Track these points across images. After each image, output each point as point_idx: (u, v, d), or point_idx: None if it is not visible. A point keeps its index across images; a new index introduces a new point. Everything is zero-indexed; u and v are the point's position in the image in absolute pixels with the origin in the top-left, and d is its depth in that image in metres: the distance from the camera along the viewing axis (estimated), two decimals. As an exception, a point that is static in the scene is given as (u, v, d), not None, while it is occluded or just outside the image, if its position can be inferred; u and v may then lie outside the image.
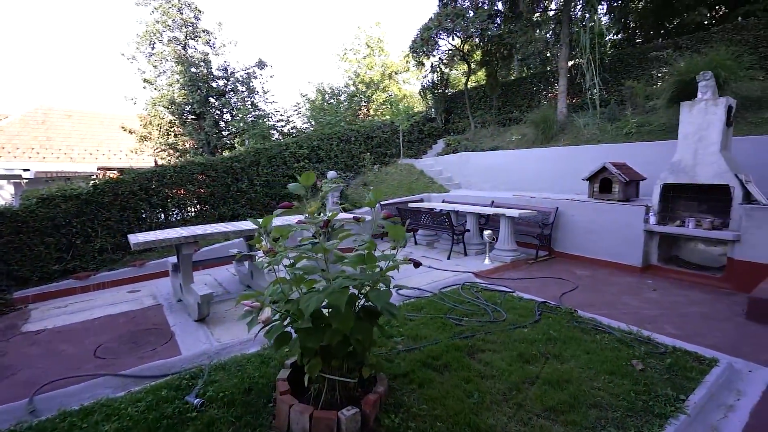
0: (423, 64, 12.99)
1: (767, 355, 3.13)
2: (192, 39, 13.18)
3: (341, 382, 2.30)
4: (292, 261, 2.25)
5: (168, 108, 12.71)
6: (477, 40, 12.35)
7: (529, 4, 10.40)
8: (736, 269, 4.68)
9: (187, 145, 13.41)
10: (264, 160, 7.91)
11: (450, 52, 12.30)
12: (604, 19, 11.82)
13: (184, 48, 13.04)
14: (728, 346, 3.24)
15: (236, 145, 13.65)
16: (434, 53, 12.62)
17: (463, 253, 6.58)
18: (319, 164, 9.34)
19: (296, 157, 8.64)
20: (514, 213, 5.84)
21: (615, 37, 12.73)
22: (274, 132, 10.29)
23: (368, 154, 10.05)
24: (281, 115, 10.58)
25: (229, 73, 13.34)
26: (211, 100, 13.17)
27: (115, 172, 11.61)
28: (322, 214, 2.35)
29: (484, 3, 10.83)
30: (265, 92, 10.21)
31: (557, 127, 10.11)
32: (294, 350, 2.19)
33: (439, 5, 11.15)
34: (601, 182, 5.98)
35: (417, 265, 2.16)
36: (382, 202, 8.30)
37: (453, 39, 12.38)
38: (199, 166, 6.78)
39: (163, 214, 6.48)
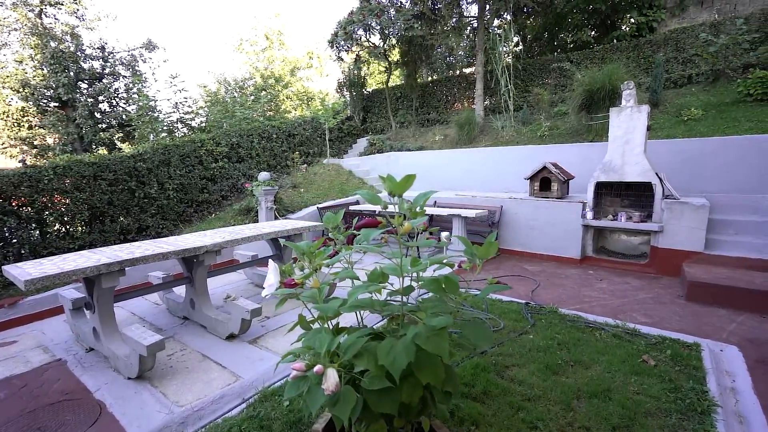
0: (343, 59, 12.50)
1: (724, 333, 3.54)
2: (51, 6, 10.42)
3: (399, 444, 1.81)
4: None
5: (19, 92, 9.84)
6: (394, 40, 12.37)
7: (448, 6, 10.72)
8: (659, 256, 5.36)
9: (50, 141, 10.60)
10: (176, 160, 6.54)
11: (371, 48, 12.04)
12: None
13: (39, 16, 10.23)
14: (693, 329, 3.60)
15: (117, 141, 11.34)
16: (354, 48, 12.25)
17: (416, 256, 6.36)
18: (239, 164, 8.17)
19: (214, 156, 7.39)
20: (471, 213, 5.84)
21: (516, 48, 13.98)
22: (180, 125, 8.69)
23: (297, 153, 9.20)
24: (189, 106, 8.99)
25: (107, 53, 10.91)
26: (83, 85, 10.63)
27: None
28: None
29: (405, 2, 10.82)
30: (173, 77, 8.50)
31: (478, 128, 10.66)
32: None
33: (360, 0, 10.79)
34: (541, 181, 6.36)
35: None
36: (319, 205, 7.65)
37: (371, 36, 12.17)
38: (91, 167, 5.22)
39: (38, 231, 4.82)
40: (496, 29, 11.17)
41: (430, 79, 14.55)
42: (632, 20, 11.52)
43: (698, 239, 5.04)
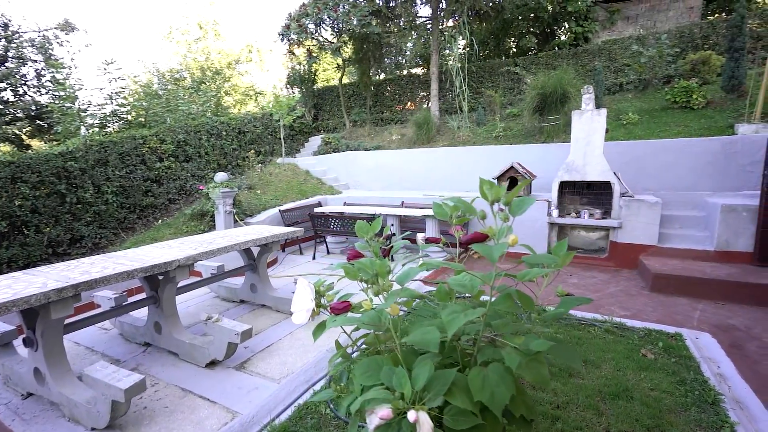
0: (294, 53, 11.91)
1: (693, 321, 3.84)
2: (-68, -29, 8.56)
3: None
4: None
5: None
6: (347, 36, 12.06)
7: (404, 4, 10.68)
8: (618, 250, 5.75)
9: (-66, 134, 8.74)
10: (114, 159, 5.65)
11: (325, 43, 11.61)
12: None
13: None
14: (668, 319, 3.85)
15: (24, 136, 9.73)
16: (306, 42, 11.72)
17: (390, 259, 6.20)
18: (187, 164, 7.36)
19: (158, 155, 6.55)
20: (446, 213, 5.79)
21: (466, 50, 14.40)
22: (114, 119, 7.56)
23: (252, 152, 8.53)
24: (125, 98, 7.82)
25: (10, 32, 9.23)
26: (-21, 68, 8.90)
27: None
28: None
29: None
30: (108, 63, 7.30)
31: (435, 128, 10.76)
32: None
33: (313, -9, 10.33)
34: (509, 181, 6.52)
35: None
36: (281, 208, 7.15)
37: (323, 31, 11.74)
38: (8, 167, 4.28)
39: (-64, 249, 3.84)
40: (450, 30, 11.35)
41: (382, 77, 14.44)
42: (569, 28, 12.38)
43: (653, 234, 5.47)
